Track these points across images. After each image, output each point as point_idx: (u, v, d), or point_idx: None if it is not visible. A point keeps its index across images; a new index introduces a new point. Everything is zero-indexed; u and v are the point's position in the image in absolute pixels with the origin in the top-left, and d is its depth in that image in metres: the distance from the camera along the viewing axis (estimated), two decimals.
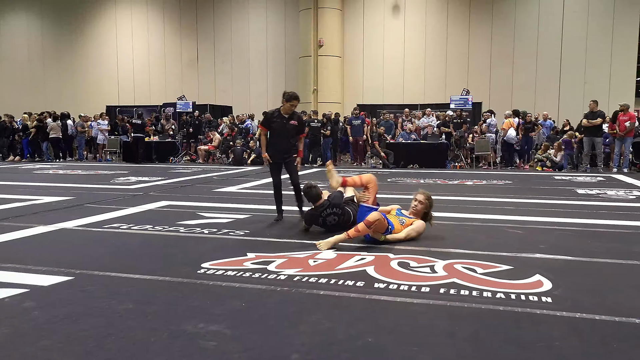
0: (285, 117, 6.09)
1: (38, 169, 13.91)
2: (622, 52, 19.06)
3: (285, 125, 6.08)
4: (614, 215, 6.49)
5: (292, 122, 6.10)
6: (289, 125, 6.09)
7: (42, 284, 3.59)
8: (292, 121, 6.10)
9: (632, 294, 3.40)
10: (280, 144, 6.12)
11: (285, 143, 6.11)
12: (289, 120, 6.09)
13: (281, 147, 6.12)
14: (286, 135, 6.09)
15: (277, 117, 6.09)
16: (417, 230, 5.00)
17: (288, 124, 6.09)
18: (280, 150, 6.13)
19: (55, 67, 25.72)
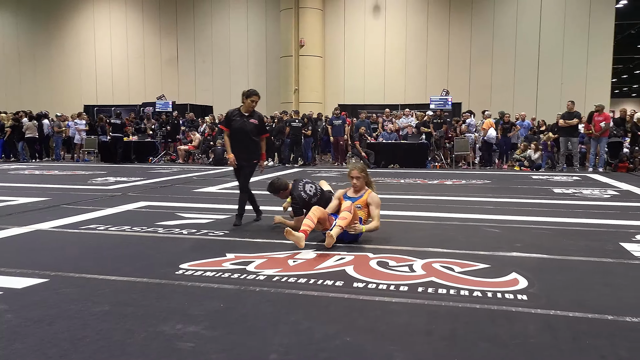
0: (245, 115, 5.84)
1: (13, 170, 13.65)
2: (598, 54, 19.42)
3: (245, 124, 5.81)
4: (589, 214, 6.61)
5: (252, 121, 5.84)
6: (249, 124, 5.82)
7: (15, 287, 3.53)
8: (252, 120, 5.85)
9: (605, 291, 3.46)
10: (240, 144, 5.83)
11: (246, 143, 5.84)
12: (249, 119, 5.84)
13: (241, 147, 5.84)
14: (246, 135, 5.82)
15: (237, 115, 5.84)
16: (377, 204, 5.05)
17: (248, 123, 5.82)
18: (239, 151, 5.84)
19: (31, 65, 25.27)
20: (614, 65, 22.14)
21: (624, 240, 4.98)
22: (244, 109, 5.84)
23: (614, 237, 5.11)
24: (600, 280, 3.72)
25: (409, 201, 7.77)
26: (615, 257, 4.36)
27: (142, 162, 16.43)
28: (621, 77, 41.57)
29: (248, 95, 5.81)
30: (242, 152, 5.82)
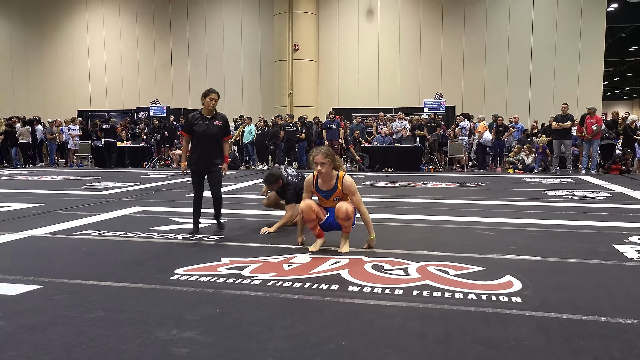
0: (207, 117, 5.42)
1: (6, 175, 13.58)
2: (590, 57, 19.56)
3: (209, 126, 5.39)
4: (582, 216, 6.65)
5: (216, 123, 5.43)
6: (212, 127, 5.41)
7: (9, 293, 3.51)
8: (217, 122, 5.44)
9: (598, 293, 3.49)
10: (204, 149, 5.40)
11: (210, 148, 5.43)
12: (212, 121, 5.42)
13: (206, 153, 5.41)
14: (211, 139, 5.42)
15: (198, 118, 5.42)
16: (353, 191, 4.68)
17: (213, 126, 5.41)
18: (204, 156, 5.42)
19: (24, 71, 25.18)
20: (605, 68, 22.28)
21: (616, 242, 5.01)
22: (205, 111, 5.43)
23: (607, 239, 5.14)
24: (593, 282, 3.74)
25: (403, 204, 7.79)
26: (608, 258, 4.38)
27: (136, 167, 16.39)
28: (613, 79, 41.85)
29: (206, 95, 5.41)
30: (208, 158, 5.42)
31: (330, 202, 4.77)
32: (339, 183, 4.69)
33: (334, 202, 4.73)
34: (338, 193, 4.70)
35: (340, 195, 4.70)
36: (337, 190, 4.70)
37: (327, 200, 4.78)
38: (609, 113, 16.69)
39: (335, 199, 4.73)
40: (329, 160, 4.64)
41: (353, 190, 4.67)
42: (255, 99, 22.53)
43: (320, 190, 4.78)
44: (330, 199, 4.75)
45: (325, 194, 4.76)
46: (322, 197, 4.81)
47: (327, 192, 4.74)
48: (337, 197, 4.72)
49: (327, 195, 4.76)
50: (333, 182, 4.70)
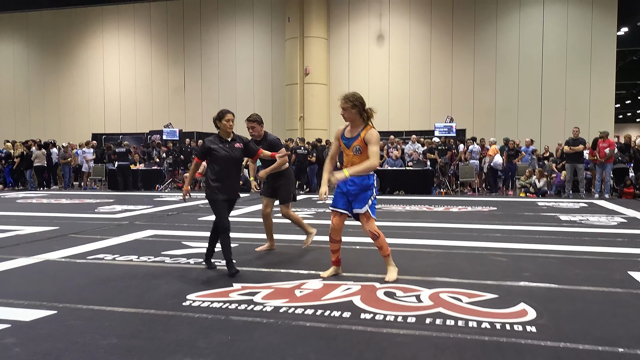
0: (227, 141, 5.01)
1: (21, 198, 13.75)
2: (601, 80, 19.55)
3: (231, 150, 4.98)
4: (596, 241, 6.58)
5: (237, 146, 5.03)
6: (234, 150, 5.00)
7: (23, 319, 3.54)
8: (237, 144, 5.04)
9: (615, 322, 3.44)
10: (227, 175, 4.97)
11: (234, 173, 5.06)
12: (232, 144, 5.02)
13: (230, 179, 5.00)
14: (234, 164, 5.02)
15: (217, 142, 4.97)
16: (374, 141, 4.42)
17: (233, 148, 5.00)
18: (228, 184, 4.98)
19: (40, 94, 25.67)
20: (617, 91, 22.23)
21: (632, 268, 4.95)
22: (223, 134, 5.01)
23: (622, 266, 5.08)
24: (609, 310, 3.69)
25: (415, 229, 7.76)
26: (624, 286, 4.33)
27: (148, 189, 16.52)
28: (625, 102, 41.72)
29: (221, 117, 4.98)
30: (231, 186, 5.01)
31: (351, 154, 4.52)
32: (363, 132, 4.47)
33: (353, 154, 4.49)
34: (359, 141, 4.46)
35: (361, 144, 4.44)
36: (358, 138, 4.47)
37: (347, 149, 4.54)
38: (622, 136, 16.61)
39: (355, 149, 4.48)
40: (350, 105, 4.44)
41: (373, 141, 4.43)
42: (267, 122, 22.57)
43: (344, 138, 4.59)
44: (350, 148, 4.51)
45: (347, 141, 4.55)
46: (344, 146, 4.58)
47: (350, 139, 4.53)
48: (357, 146, 4.47)
49: (348, 143, 4.54)
50: (358, 130, 4.51)
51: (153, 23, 24.15)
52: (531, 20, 20.11)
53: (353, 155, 4.50)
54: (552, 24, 19.92)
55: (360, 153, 4.47)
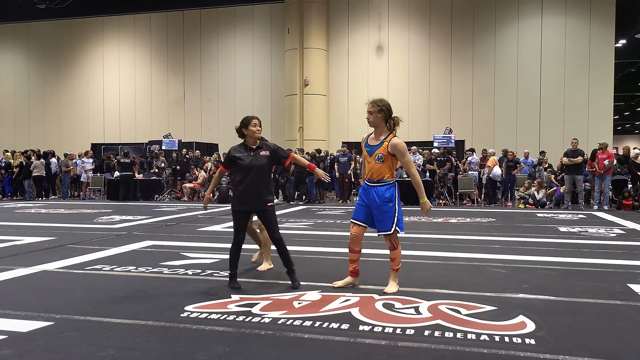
0: (252, 148, 4.77)
1: (20, 208, 13.73)
2: (599, 92, 19.64)
3: (255, 158, 4.71)
4: (596, 253, 6.57)
5: (263, 154, 4.74)
6: (260, 158, 4.72)
7: (21, 330, 3.52)
8: (263, 152, 4.75)
9: (614, 335, 3.42)
10: (252, 185, 4.68)
11: (259, 183, 4.70)
12: (258, 152, 4.75)
13: (254, 189, 4.69)
14: (259, 172, 4.69)
15: (242, 151, 4.76)
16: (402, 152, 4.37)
17: (259, 157, 4.72)
18: (253, 194, 4.70)
19: (40, 104, 25.73)
20: (615, 103, 22.33)
21: (631, 281, 4.94)
22: (250, 142, 4.78)
23: (621, 278, 5.07)
24: (608, 323, 3.68)
25: (414, 240, 7.76)
26: (623, 299, 4.32)
27: (147, 199, 16.51)
28: (623, 114, 41.88)
29: (246, 124, 4.76)
30: (257, 195, 4.70)
31: (372, 162, 4.44)
32: (386, 140, 4.39)
33: (375, 162, 4.42)
34: (382, 150, 4.39)
35: (384, 152, 4.38)
36: (382, 146, 4.39)
37: (370, 156, 4.47)
38: (620, 148, 16.66)
39: (378, 157, 4.39)
40: (377, 109, 4.40)
41: (402, 151, 4.37)
42: (266, 132, 22.67)
43: (367, 145, 4.52)
44: (372, 156, 4.43)
45: (370, 149, 4.47)
46: (366, 153, 4.52)
47: (373, 147, 4.45)
48: (380, 154, 4.39)
49: (371, 151, 4.45)
50: (382, 138, 4.43)
51: (153, 34, 24.28)
52: (529, 32, 20.25)
53: (375, 164, 4.42)
54: (551, 36, 20.06)
55: (382, 162, 4.40)
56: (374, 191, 4.44)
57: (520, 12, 20.33)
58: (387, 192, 4.43)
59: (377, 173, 4.44)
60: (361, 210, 4.56)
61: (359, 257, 4.68)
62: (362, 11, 21.69)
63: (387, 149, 4.38)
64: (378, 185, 4.45)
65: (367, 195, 4.51)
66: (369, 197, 4.48)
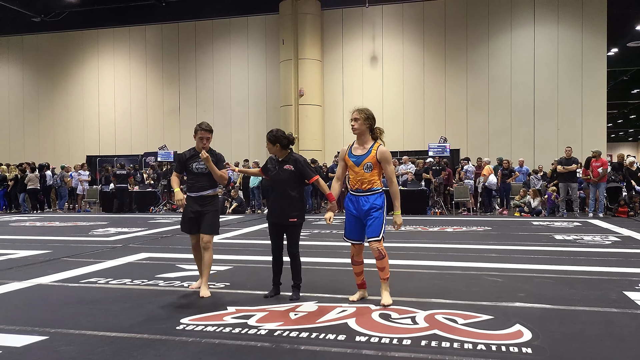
0: (279, 161, 4.84)
1: (14, 222, 13.66)
2: (592, 100, 19.75)
3: (279, 171, 4.78)
4: (591, 261, 6.59)
5: (286, 167, 4.74)
6: (282, 172, 4.75)
7: (15, 345, 3.49)
8: (287, 165, 4.75)
9: (611, 343, 3.43)
10: (275, 198, 4.81)
11: (281, 197, 4.73)
12: (282, 165, 4.79)
13: (276, 202, 4.79)
14: (280, 186, 4.75)
15: (273, 162, 4.89)
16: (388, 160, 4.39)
17: (282, 171, 4.76)
18: (275, 207, 4.79)
19: (34, 116, 25.67)
20: (608, 111, 22.46)
21: (627, 288, 4.95)
22: (278, 155, 4.85)
23: (617, 286, 5.08)
24: (604, 331, 3.68)
25: (410, 249, 7.75)
26: (619, 306, 4.32)
27: (143, 211, 16.45)
28: (617, 122, 42.17)
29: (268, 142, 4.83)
30: (280, 209, 4.74)
31: (361, 172, 4.38)
32: (373, 149, 4.40)
33: (364, 171, 4.37)
34: (371, 158, 4.36)
35: (373, 161, 4.36)
36: (370, 155, 4.38)
37: (357, 167, 4.40)
38: (615, 155, 16.75)
39: (367, 166, 4.36)
40: (363, 117, 4.43)
41: (389, 159, 4.40)
42: (262, 143, 22.68)
43: (352, 155, 4.47)
44: (360, 166, 4.37)
45: (357, 158, 4.42)
46: (353, 164, 4.43)
47: (359, 157, 4.41)
48: (369, 163, 4.36)
49: (358, 161, 4.40)
50: (368, 146, 4.43)
51: (148, 46, 24.33)
52: (522, 42, 20.40)
53: (363, 173, 4.38)
54: (543, 45, 20.21)
55: (371, 170, 4.37)
56: (364, 199, 4.41)
57: (513, 21, 20.50)
58: (378, 201, 4.41)
59: (367, 182, 4.41)
60: (353, 226, 4.51)
61: (363, 268, 4.63)
62: (356, 22, 21.82)
63: (376, 157, 4.37)
64: (369, 194, 4.42)
65: (357, 207, 4.44)
66: (358, 206, 4.43)
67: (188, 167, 5.12)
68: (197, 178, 5.08)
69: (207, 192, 5.08)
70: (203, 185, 5.06)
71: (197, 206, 5.03)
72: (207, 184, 5.08)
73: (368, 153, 4.39)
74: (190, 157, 5.14)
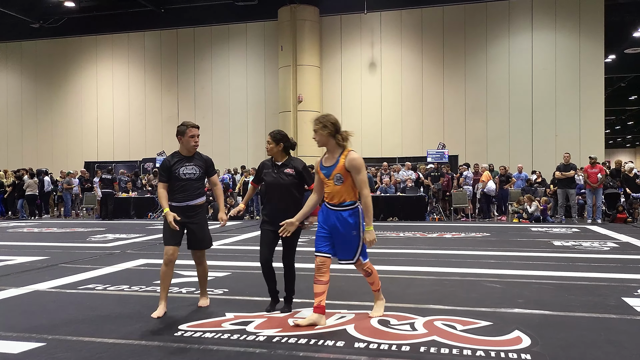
0: (277, 165, 4.58)
1: (12, 228, 13.62)
2: (590, 106, 19.81)
3: (279, 175, 4.50)
4: (590, 267, 6.59)
5: (287, 171, 4.50)
6: (282, 177, 4.48)
7: (12, 352, 3.47)
8: (287, 169, 4.51)
9: (610, 349, 3.42)
10: (274, 203, 4.49)
11: (281, 203, 4.43)
12: (282, 169, 4.53)
13: (276, 208, 4.45)
14: (279, 192, 4.45)
15: (269, 167, 4.60)
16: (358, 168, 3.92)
17: (282, 174, 4.50)
18: (275, 214, 4.43)
19: (33, 123, 25.67)
20: (606, 117, 22.53)
21: (626, 294, 4.95)
22: (277, 157, 4.60)
23: (616, 292, 5.07)
24: (604, 337, 3.68)
25: (408, 255, 7.75)
26: (618, 312, 4.32)
27: (141, 217, 16.42)
28: (614, 128, 42.30)
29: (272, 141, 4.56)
30: (276, 216, 4.37)
31: (332, 184, 3.98)
32: (342, 157, 3.96)
33: (335, 184, 3.96)
34: (339, 169, 3.94)
35: (342, 172, 3.93)
36: (338, 164, 3.95)
37: (328, 179, 4.00)
38: (613, 161, 16.78)
39: (336, 178, 3.94)
40: (320, 126, 4.01)
41: (358, 167, 3.91)
42: (260, 149, 22.77)
43: (322, 167, 4.08)
44: (331, 178, 3.97)
45: (327, 170, 4.02)
46: (324, 176, 4.05)
47: (329, 168, 4.00)
48: (338, 175, 3.94)
49: (328, 173, 4.00)
50: (337, 155, 3.99)
51: (147, 52, 24.37)
52: (520, 48, 20.48)
53: (334, 185, 3.97)
54: (541, 52, 20.29)
55: (342, 182, 3.94)
56: (336, 217, 3.99)
57: (511, 28, 20.58)
58: (351, 218, 3.98)
59: (337, 196, 3.99)
60: (323, 240, 4.05)
61: (326, 289, 4.04)
62: (355, 28, 21.90)
63: (345, 166, 3.95)
64: (340, 209, 3.99)
65: (327, 221, 4.03)
66: (330, 223, 4.02)
67: (174, 174, 4.49)
68: (185, 185, 4.50)
69: (196, 201, 4.57)
70: (191, 194, 4.53)
71: (184, 217, 4.50)
72: (195, 191, 4.55)
73: (336, 163, 3.97)
74: (176, 162, 4.53)
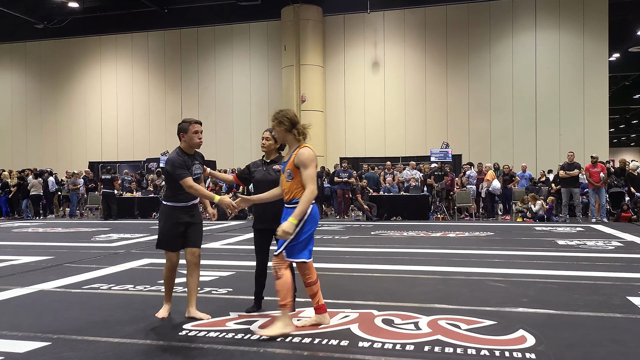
0: (266, 162, 4.45)
1: (17, 228, 13.68)
2: (594, 105, 19.76)
3: (268, 172, 4.37)
4: (594, 266, 6.57)
5: (276, 167, 4.35)
6: (271, 173, 4.35)
7: (17, 351, 3.49)
8: (276, 165, 4.37)
9: (615, 349, 3.41)
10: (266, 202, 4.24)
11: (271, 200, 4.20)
12: (271, 166, 4.40)
13: (266, 206, 4.25)
14: (269, 187, 4.22)
15: (258, 164, 4.52)
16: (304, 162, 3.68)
17: (271, 171, 4.36)
18: (265, 211, 4.29)
19: (37, 123, 25.77)
20: (610, 116, 22.46)
21: (630, 293, 4.93)
22: (269, 155, 4.48)
23: (621, 291, 5.06)
24: (608, 336, 3.67)
25: (412, 255, 7.74)
26: (623, 311, 4.31)
27: (145, 217, 16.46)
28: (619, 127, 42.15)
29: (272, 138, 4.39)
30: (266, 214, 4.27)
31: (284, 180, 3.82)
32: (294, 153, 3.73)
33: (286, 179, 3.78)
34: (289, 164, 3.74)
35: (292, 168, 3.72)
36: (290, 160, 3.74)
37: (283, 175, 3.87)
38: (617, 160, 16.73)
39: (288, 174, 3.75)
40: (276, 122, 3.80)
41: (304, 162, 3.65)
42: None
43: (282, 163, 3.95)
44: (284, 174, 3.81)
45: (283, 166, 3.87)
46: (282, 173, 3.90)
47: (284, 164, 3.86)
48: (288, 171, 3.74)
49: (283, 169, 3.87)
50: (292, 151, 3.80)
51: (151, 52, 24.43)
52: (524, 47, 20.43)
53: (286, 182, 3.78)
54: (545, 51, 20.24)
55: (292, 179, 3.72)
56: (286, 212, 3.79)
57: (515, 27, 20.54)
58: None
59: (289, 193, 3.77)
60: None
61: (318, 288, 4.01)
62: (358, 28, 21.90)
63: (294, 162, 3.72)
64: (291, 207, 3.75)
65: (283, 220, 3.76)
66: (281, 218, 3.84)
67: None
68: None
69: (197, 199, 4.46)
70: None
71: (187, 217, 4.37)
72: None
73: (289, 159, 3.77)
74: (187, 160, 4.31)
